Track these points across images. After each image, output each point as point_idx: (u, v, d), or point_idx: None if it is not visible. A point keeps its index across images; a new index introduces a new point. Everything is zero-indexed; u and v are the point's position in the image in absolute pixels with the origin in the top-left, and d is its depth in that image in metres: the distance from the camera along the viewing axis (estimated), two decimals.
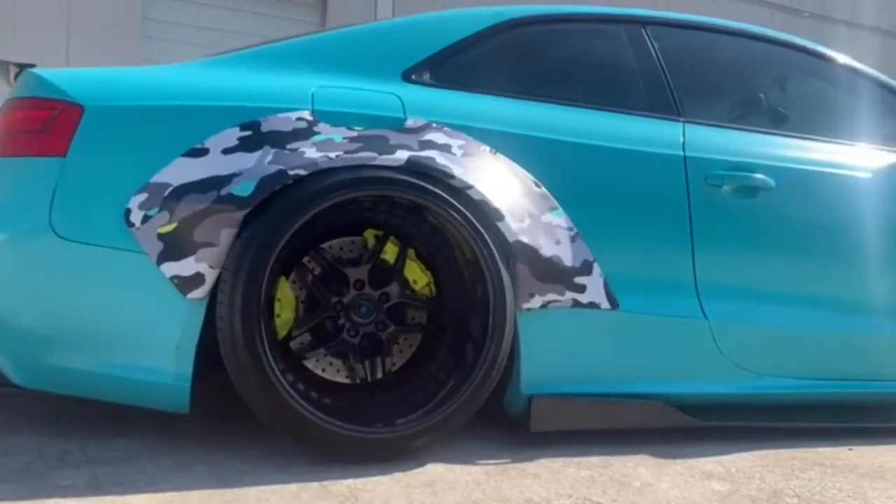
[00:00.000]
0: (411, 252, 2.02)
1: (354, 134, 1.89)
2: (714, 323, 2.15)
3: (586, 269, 2.02)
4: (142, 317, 1.79)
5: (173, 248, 1.76)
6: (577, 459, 1.90)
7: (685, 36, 2.47)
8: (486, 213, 1.90)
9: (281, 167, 1.78)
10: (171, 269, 1.75)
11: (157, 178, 1.79)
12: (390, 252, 1.99)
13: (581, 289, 2.01)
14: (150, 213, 1.77)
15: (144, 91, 1.90)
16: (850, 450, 2.13)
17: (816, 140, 2.41)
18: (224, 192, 1.76)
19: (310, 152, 1.82)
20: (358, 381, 1.98)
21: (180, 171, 1.79)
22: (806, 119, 2.50)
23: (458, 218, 1.85)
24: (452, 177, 1.89)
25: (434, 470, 1.77)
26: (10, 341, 1.81)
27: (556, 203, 2.01)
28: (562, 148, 2.09)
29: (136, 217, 1.77)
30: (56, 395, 1.94)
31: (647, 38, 2.38)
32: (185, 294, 1.75)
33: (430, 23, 2.26)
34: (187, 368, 1.78)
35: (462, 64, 2.18)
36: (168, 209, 1.77)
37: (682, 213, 2.15)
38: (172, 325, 1.78)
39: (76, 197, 1.79)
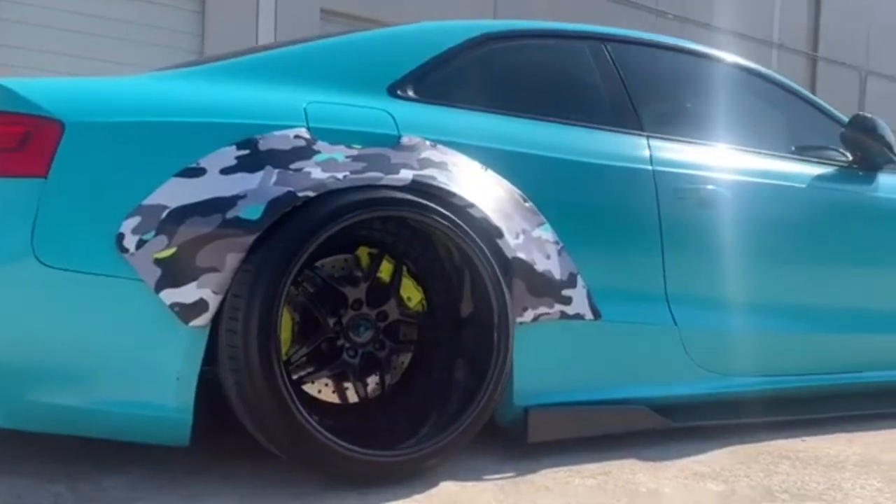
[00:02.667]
0: (403, 269, 2.01)
1: (355, 153, 1.86)
2: (683, 329, 2.27)
3: (572, 281, 2.08)
4: (139, 348, 1.69)
5: (173, 273, 1.67)
6: (575, 468, 1.96)
7: (637, 52, 2.57)
8: (487, 231, 1.92)
9: (290, 189, 1.73)
10: (171, 296, 1.67)
11: (151, 199, 1.69)
12: (385, 270, 1.98)
13: (568, 301, 2.07)
14: (145, 237, 1.67)
15: (128, 106, 1.79)
16: (804, 441, 2.32)
17: (758, 153, 2.59)
18: (230, 215, 1.69)
19: (315, 172, 1.77)
20: (356, 403, 1.95)
21: (176, 193, 1.70)
22: (748, 133, 2.67)
23: (463, 237, 1.86)
24: (454, 195, 1.90)
25: (449, 489, 1.78)
26: None
27: (543, 218, 2.06)
28: (545, 164, 2.14)
29: (129, 242, 1.67)
30: (28, 432, 1.80)
31: (608, 54, 2.47)
32: (186, 322, 1.67)
33: (408, 36, 2.25)
34: (189, 400, 1.70)
35: (442, 78, 2.19)
36: (166, 233, 1.68)
37: (654, 225, 2.26)
38: (173, 355, 1.69)
39: (61, 221, 1.67)
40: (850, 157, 2.77)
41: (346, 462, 1.71)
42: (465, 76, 2.23)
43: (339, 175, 1.79)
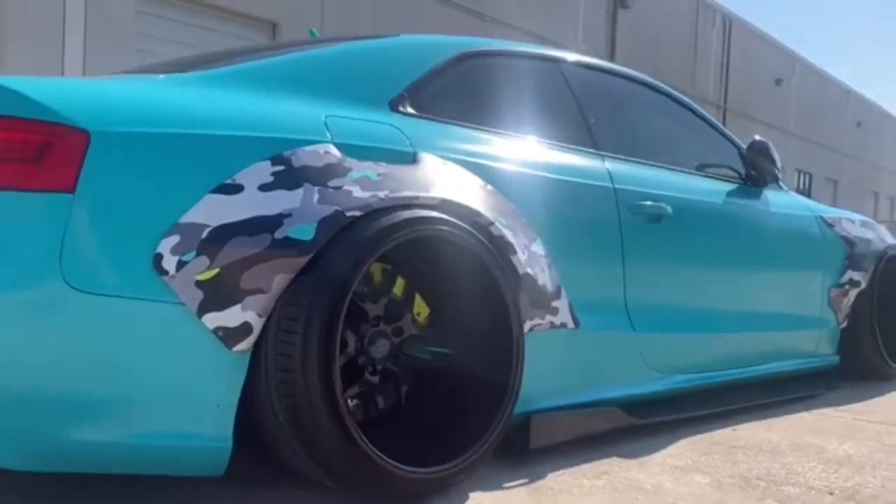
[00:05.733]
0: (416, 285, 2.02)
1: (383, 170, 1.85)
2: (639, 334, 2.48)
3: (558, 293, 2.20)
4: (178, 375, 1.59)
5: (215, 296, 1.59)
6: (574, 469, 2.09)
7: (586, 75, 2.75)
8: (504, 249, 1.99)
9: (337, 208, 1.69)
10: (214, 319, 1.58)
11: (188, 217, 1.60)
12: (398, 285, 1.99)
13: (555, 311, 2.19)
14: (185, 258, 1.57)
15: (152, 115, 1.66)
16: (734, 429, 2.62)
17: (686, 172, 2.88)
18: (279, 234, 1.63)
19: (356, 191, 1.75)
20: (374, 421, 1.95)
21: (215, 211, 1.62)
22: (676, 153, 2.94)
23: (493, 256, 1.91)
24: (479, 214, 1.95)
25: (482, 500, 1.84)
26: (14, 418, 1.49)
27: (535, 233, 2.16)
28: (534, 181, 2.24)
29: (169, 263, 1.56)
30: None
31: (563, 76, 2.62)
32: (230, 346, 1.60)
33: (398, 50, 2.27)
34: (228, 428, 1.63)
35: (433, 94, 2.22)
36: (207, 253, 1.59)
37: (617, 237, 2.44)
38: (214, 381, 1.61)
39: (92, 241, 1.53)
40: (744, 174, 3.15)
41: (398, 483, 1.71)
42: (453, 92, 2.28)
43: (381, 194, 1.78)
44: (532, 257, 2.10)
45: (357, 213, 1.72)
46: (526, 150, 2.31)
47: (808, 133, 24.74)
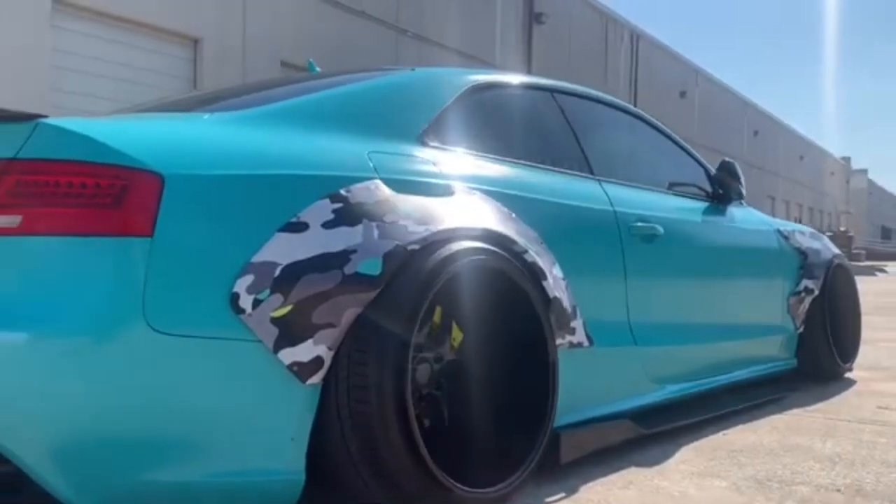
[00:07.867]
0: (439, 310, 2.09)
1: (427, 203, 1.92)
2: (640, 348, 2.63)
3: (574, 314, 2.32)
4: (256, 412, 1.63)
5: (289, 332, 1.63)
6: (603, 480, 2.20)
7: (574, 102, 2.89)
8: (537, 275, 2.09)
9: (398, 242, 1.76)
10: (289, 355, 1.63)
11: (260, 256, 1.63)
12: (436, 313, 2.05)
13: (573, 331, 2.31)
14: (260, 296, 1.61)
15: (221, 156, 1.70)
16: (725, 434, 2.79)
17: (665, 192, 3.05)
18: (349, 270, 1.68)
19: (410, 225, 1.82)
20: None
21: (285, 249, 1.66)
22: (655, 175, 3.12)
23: (528, 281, 2.01)
24: (515, 242, 2.04)
25: None
26: (93, 460, 1.48)
27: (554, 258, 2.27)
28: (547, 207, 2.35)
29: (245, 302, 1.60)
30: None
31: (557, 104, 2.75)
32: (304, 380, 1.65)
33: (418, 85, 2.34)
34: (302, 460, 1.67)
35: (452, 126, 2.31)
36: (281, 291, 1.63)
37: (619, 257, 2.58)
38: (289, 415, 1.65)
39: (172, 283, 1.55)
40: (711, 192, 3.36)
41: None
42: (467, 124, 2.37)
43: (433, 227, 1.85)
44: (556, 281, 2.21)
45: (416, 247, 1.79)
46: (536, 177, 2.43)
47: (711, 142, 25.94)
